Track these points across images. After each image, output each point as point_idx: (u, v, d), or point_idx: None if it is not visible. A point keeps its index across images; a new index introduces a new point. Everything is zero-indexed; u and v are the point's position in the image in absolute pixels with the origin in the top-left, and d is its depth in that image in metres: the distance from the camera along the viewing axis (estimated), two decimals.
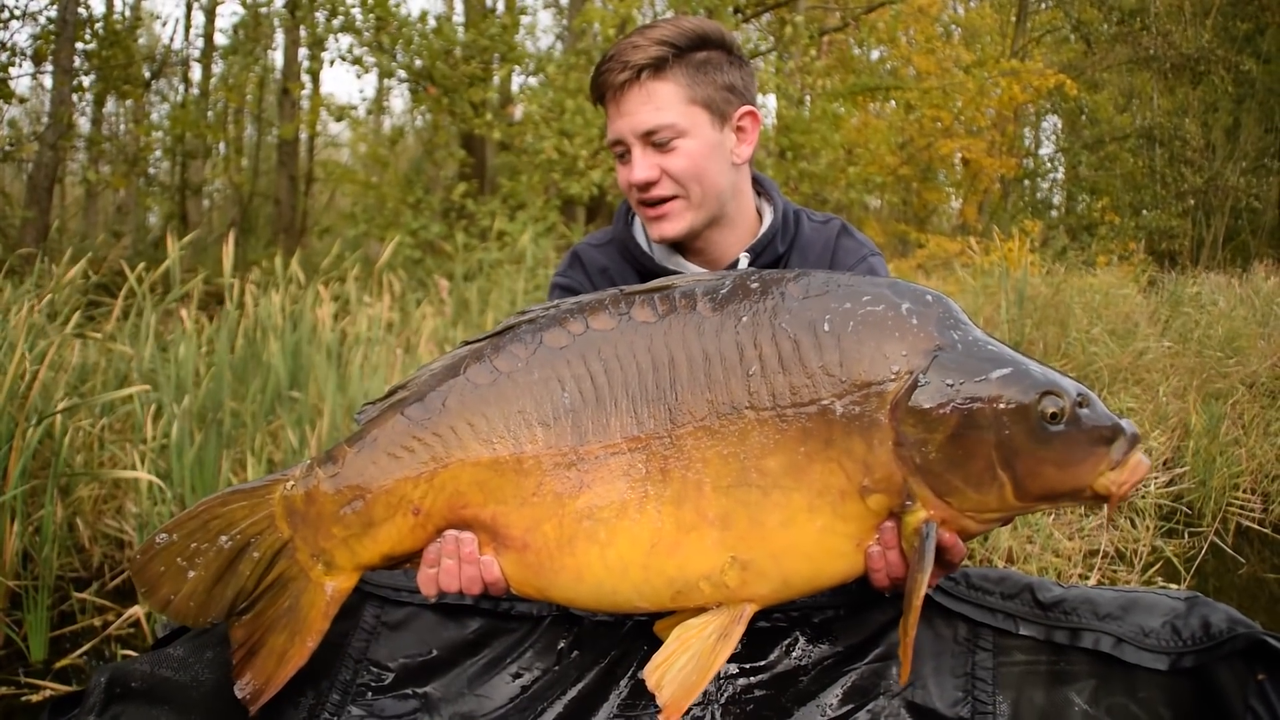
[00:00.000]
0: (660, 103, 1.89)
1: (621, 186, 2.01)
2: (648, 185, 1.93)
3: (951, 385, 1.35)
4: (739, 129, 2.00)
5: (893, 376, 1.36)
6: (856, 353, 1.38)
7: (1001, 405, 1.34)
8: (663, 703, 1.37)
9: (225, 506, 1.52)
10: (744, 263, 2.04)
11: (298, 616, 1.54)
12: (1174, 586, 4.28)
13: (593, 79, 1.97)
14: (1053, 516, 4.71)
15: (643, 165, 1.92)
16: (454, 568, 1.48)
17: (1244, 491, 5.72)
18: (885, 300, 1.41)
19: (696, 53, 1.92)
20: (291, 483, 1.53)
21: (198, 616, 1.53)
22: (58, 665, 3.56)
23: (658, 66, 1.89)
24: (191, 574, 1.50)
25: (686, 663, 1.38)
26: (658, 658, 1.40)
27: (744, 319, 1.42)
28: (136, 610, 3.71)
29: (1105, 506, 1.38)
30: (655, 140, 1.91)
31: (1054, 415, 1.34)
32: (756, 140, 2.04)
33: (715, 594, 1.41)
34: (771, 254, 2.06)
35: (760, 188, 2.15)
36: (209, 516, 1.51)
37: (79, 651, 3.64)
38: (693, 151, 1.92)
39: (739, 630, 1.40)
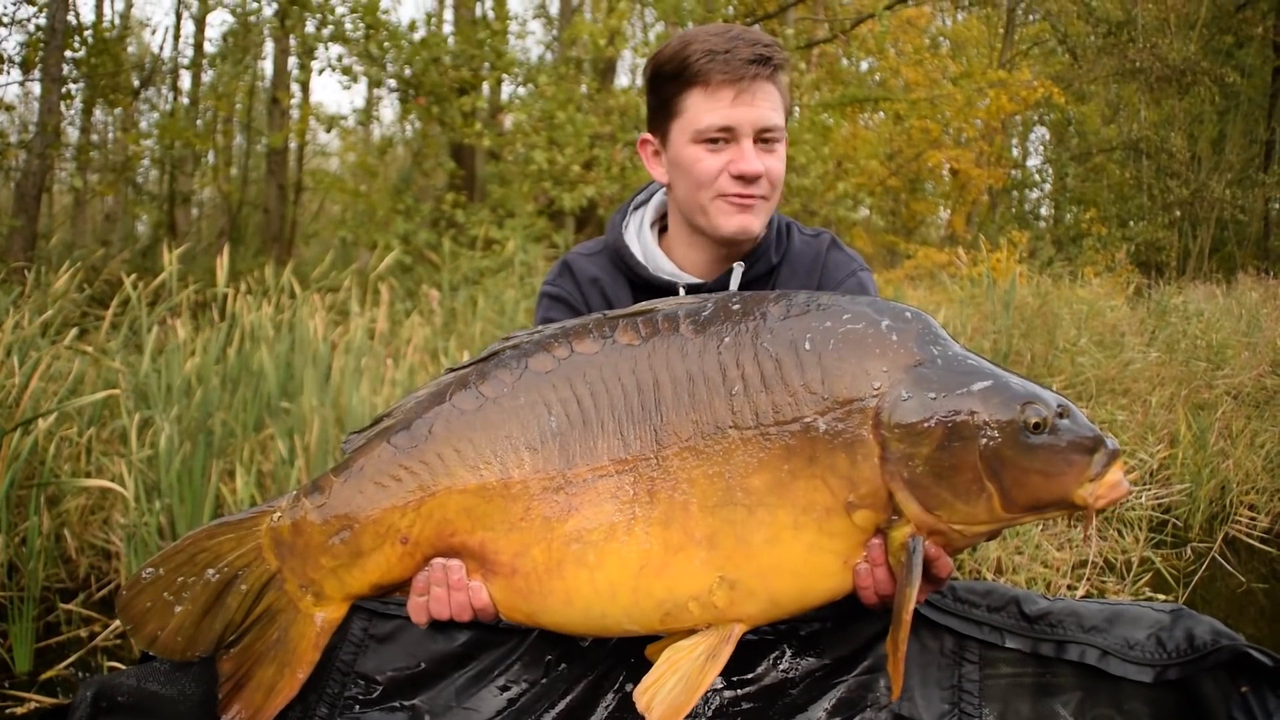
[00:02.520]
0: (776, 104, 1.94)
1: (705, 174, 1.94)
2: (756, 179, 1.94)
3: (934, 399, 1.37)
4: None
5: (874, 392, 1.38)
6: (838, 370, 1.39)
7: (986, 416, 1.36)
8: None
9: (212, 539, 1.51)
10: (737, 273, 2.05)
11: (287, 648, 1.53)
12: (1161, 597, 4.30)
13: (711, 59, 1.89)
14: (1041, 527, 4.72)
15: (754, 159, 1.92)
16: (443, 595, 1.48)
17: (1230, 503, 5.75)
18: (865, 318, 1.43)
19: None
20: (278, 514, 1.53)
21: (185, 651, 1.51)
22: (43, 677, 3.54)
23: (783, 70, 1.94)
24: (179, 608, 1.49)
25: (675, 684, 1.39)
26: (647, 680, 1.41)
27: (726, 340, 1.43)
28: None
29: (1085, 518, 1.40)
30: (766, 138, 1.94)
31: (1037, 425, 1.35)
32: None
33: (704, 614, 1.42)
34: (764, 265, 2.08)
35: None
36: (196, 550, 1.50)
37: (65, 663, 3.61)
38: (783, 157, 1.98)
39: (728, 650, 1.41)
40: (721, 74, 1.89)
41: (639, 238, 2.14)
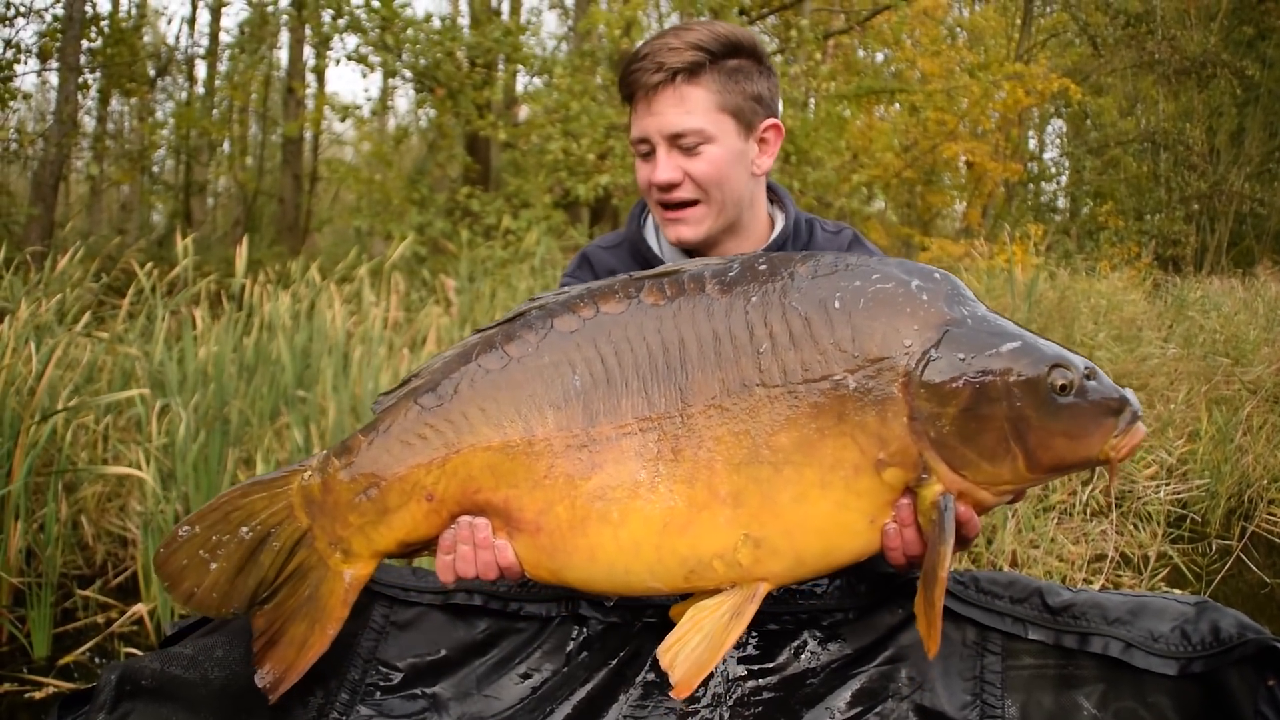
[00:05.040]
0: (691, 107, 1.90)
1: (640, 184, 2.01)
2: (670, 186, 1.94)
3: (964, 359, 1.37)
4: (762, 140, 2.00)
5: (905, 351, 1.37)
6: (868, 328, 1.38)
7: (1013, 378, 1.36)
8: (674, 681, 1.37)
9: (245, 498, 1.53)
10: None
11: (318, 604, 1.55)
12: (1178, 593, 4.27)
13: (622, 75, 1.97)
14: (1057, 521, 4.70)
15: (666, 166, 1.92)
16: (469, 553, 1.49)
17: (1249, 499, 5.72)
18: (894, 278, 1.42)
19: (730, 60, 1.92)
20: (309, 473, 1.54)
21: (220, 607, 1.53)
22: (60, 662, 3.57)
23: (692, 71, 1.89)
24: (214, 566, 1.51)
25: (699, 643, 1.39)
26: (671, 638, 1.41)
27: (753, 299, 1.43)
28: (139, 608, 3.71)
29: (1108, 471, 1.40)
30: (682, 144, 1.91)
31: (1064, 387, 1.36)
32: (777, 152, 2.05)
33: (729, 573, 1.41)
34: None
35: (774, 195, 2.16)
36: (230, 508, 1.52)
37: (82, 649, 3.64)
38: (717, 158, 1.92)
39: (752, 609, 1.41)
40: (630, 86, 1.94)
41: (657, 232, 2.14)
